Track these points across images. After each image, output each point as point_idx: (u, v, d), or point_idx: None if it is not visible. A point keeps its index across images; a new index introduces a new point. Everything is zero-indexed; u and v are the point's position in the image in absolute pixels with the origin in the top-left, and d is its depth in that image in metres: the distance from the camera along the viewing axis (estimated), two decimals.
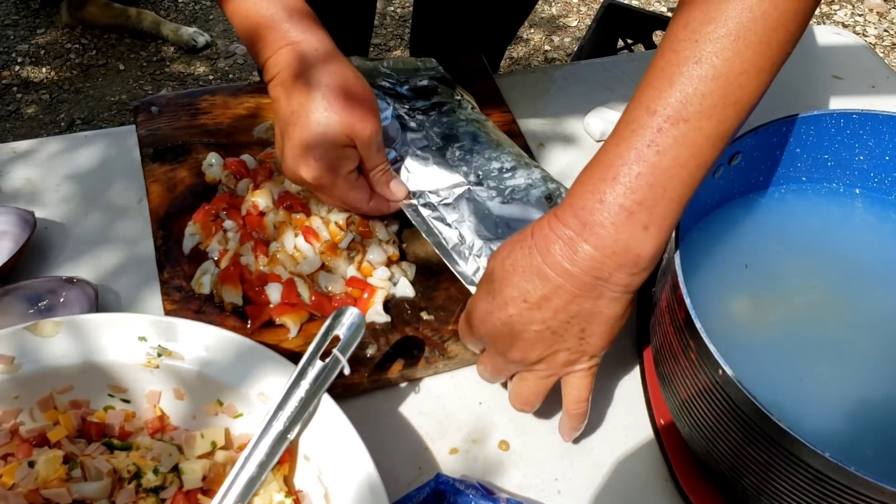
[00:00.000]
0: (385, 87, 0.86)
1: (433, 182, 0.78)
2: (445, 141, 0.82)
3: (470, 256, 0.74)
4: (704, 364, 0.60)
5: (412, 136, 0.81)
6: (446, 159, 0.80)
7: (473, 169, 0.79)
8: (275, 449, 0.61)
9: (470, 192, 0.77)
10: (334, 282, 0.76)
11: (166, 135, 0.87)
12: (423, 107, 0.85)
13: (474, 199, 0.77)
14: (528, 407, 0.68)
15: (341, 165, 0.71)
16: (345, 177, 0.72)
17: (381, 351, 0.74)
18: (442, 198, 0.77)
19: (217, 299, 0.75)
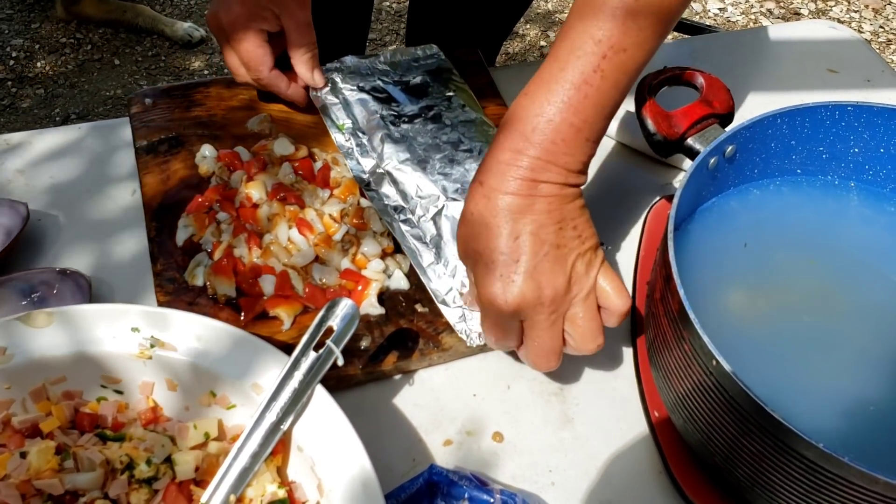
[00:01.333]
0: (378, 88, 0.86)
1: (413, 193, 0.77)
2: (427, 152, 0.81)
3: (444, 276, 0.74)
4: (698, 355, 0.60)
5: (395, 148, 0.80)
6: (426, 172, 0.79)
7: (452, 182, 0.78)
8: (268, 440, 0.60)
9: (447, 209, 0.76)
10: (328, 274, 0.75)
11: (160, 126, 0.86)
12: (410, 113, 0.85)
13: (451, 218, 0.76)
14: (554, 357, 0.66)
15: (255, 19, 0.78)
16: (254, 31, 0.79)
17: (376, 343, 0.74)
18: (419, 215, 0.76)
19: (210, 291, 0.75)
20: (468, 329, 0.72)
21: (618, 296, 0.65)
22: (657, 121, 0.71)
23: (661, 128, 0.71)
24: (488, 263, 0.62)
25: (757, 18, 2.59)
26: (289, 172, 0.81)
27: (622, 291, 0.65)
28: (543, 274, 0.62)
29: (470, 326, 0.72)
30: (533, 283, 0.62)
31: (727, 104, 0.74)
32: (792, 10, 2.61)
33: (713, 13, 2.62)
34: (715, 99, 0.74)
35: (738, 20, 2.59)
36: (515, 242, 0.61)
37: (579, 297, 0.64)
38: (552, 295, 0.62)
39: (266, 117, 0.87)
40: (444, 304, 0.72)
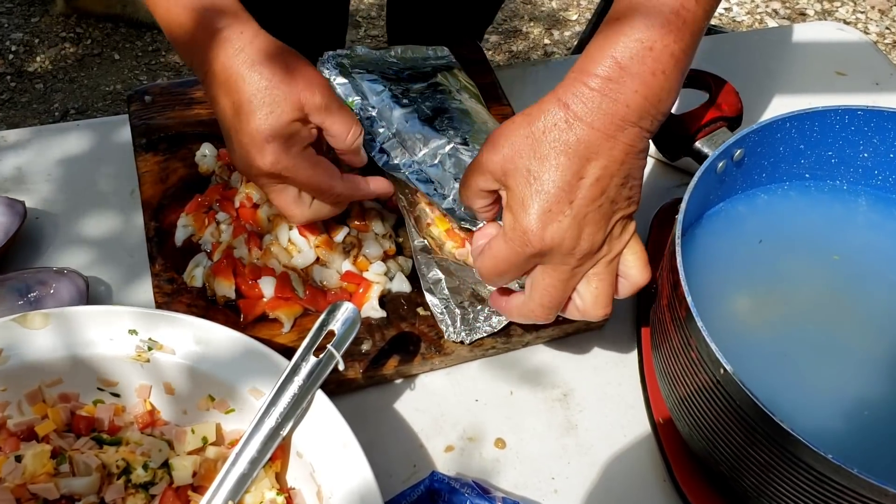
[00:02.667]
0: (388, 74, 0.85)
1: (419, 148, 0.77)
2: (435, 113, 0.80)
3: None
4: (705, 362, 0.59)
5: (402, 112, 0.80)
6: (433, 126, 0.78)
7: (461, 133, 0.78)
8: (267, 446, 0.59)
9: (455, 150, 0.76)
10: (329, 276, 0.74)
11: (160, 125, 0.85)
12: (419, 88, 0.84)
13: (458, 157, 0.75)
14: (554, 312, 0.62)
15: (294, 142, 0.65)
16: (301, 154, 0.65)
17: (377, 346, 0.73)
18: (428, 162, 0.76)
19: (209, 292, 0.74)
20: (449, 322, 0.72)
21: (642, 268, 0.62)
22: (665, 123, 0.70)
23: (669, 131, 0.70)
24: (539, 191, 0.57)
25: (762, 18, 2.58)
26: None
27: (647, 265, 0.62)
28: (589, 225, 0.58)
29: (452, 319, 0.72)
30: (576, 231, 0.57)
31: (736, 107, 0.73)
32: (798, 11, 2.60)
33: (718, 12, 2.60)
34: (724, 102, 0.73)
35: (743, 20, 2.57)
36: (578, 182, 0.56)
37: (606, 258, 0.60)
38: (587, 249, 0.59)
39: None
40: (430, 292, 0.72)
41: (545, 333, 0.75)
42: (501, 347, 0.75)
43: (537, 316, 0.63)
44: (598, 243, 0.59)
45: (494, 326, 0.72)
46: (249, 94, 0.63)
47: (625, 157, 0.57)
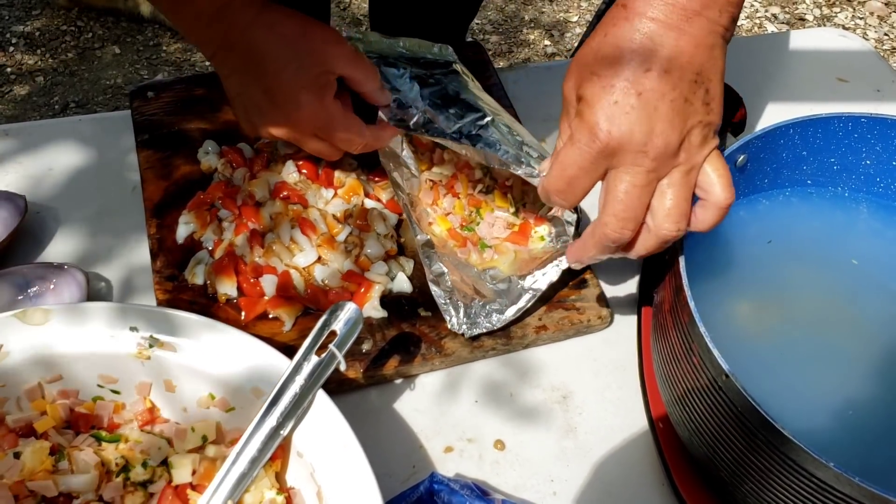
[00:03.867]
0: (404, 57, 0.85)
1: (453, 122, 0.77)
2: (459, 92, 0.81)
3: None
4: (707, 367, 0.59)
5: (431, 90, 0.80)
6: (464, 99, 0.79)
7: (492, 111, 0.79)
8: (267, 445, 0.59)
9: (495, 121, 0.76)
10: (330, 275, 0.74)
11: (162, 121, 0.85)
12: (440, 72, 0.84)
13: (499, 125, 0.76)
14: (632, 224, 0.58)
15: (325, 93, 0.69)
16: (333, 103, 0.69)
17: (377, 346, 0.73)
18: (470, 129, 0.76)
19: (211, 290, 0.73)
20: (452, 312, 0.72)
21: (725, 186, 0.58)
22: None
23: None
24: (604, 87, 0.55)
25: (762, 23, 2.58)
26: (292, 171, 0.79)
27: (729, 184, 0.58)
28: (660, 121, 0.54)
29: (455, 310, 0.72)
30: (646, 125, 0.54)
31: (739, 113, 0.73)
32: (797, 16, 2.61)
33: None
34: (727, 108, 0.73)
35: (742, 24, 2.58)
36: (645, 74, 0.54)
37: (683, 167, 0.57)
38: (662, 148, 0.55)
39: None
40: (434, 283, 0.72)
41: (546, 335, 0.75)
42: (502, 349, 0.75)
43: (611, 231, 0.58)
44: (674, 145, 0.55)
45: (494, 324, 0.72)
46: (275, 54, 0.65)
47: (694, 51, 0.54)
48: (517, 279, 0.74)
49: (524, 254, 0.79)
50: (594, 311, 0.77)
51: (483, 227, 0.80)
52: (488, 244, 0.79)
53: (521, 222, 0.81)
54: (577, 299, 0.77)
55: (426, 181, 0.82)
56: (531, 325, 0.75)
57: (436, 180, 0.82)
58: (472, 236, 0.79)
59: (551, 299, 0.77)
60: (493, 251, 0.78)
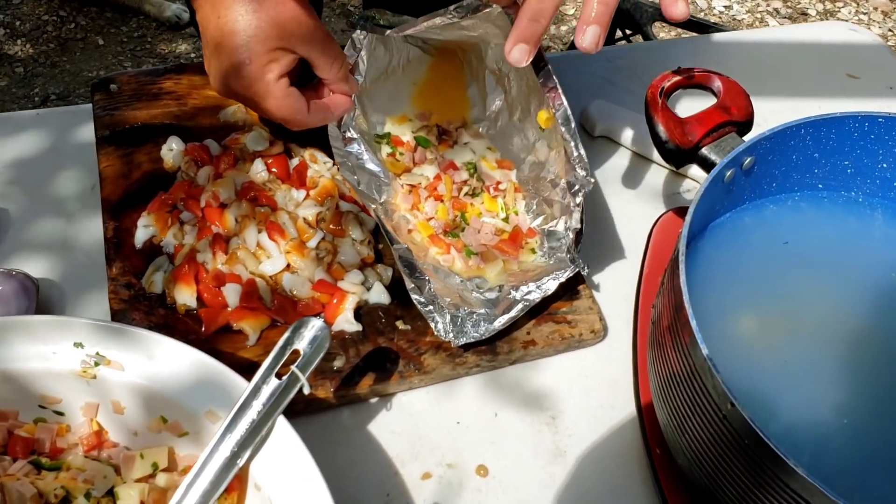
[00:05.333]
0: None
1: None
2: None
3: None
4: (710, 394, 0.53)
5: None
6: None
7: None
8: (221, 476, 0.53)
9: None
10: (300, 285, 0.68)
11: (125, 116, 0.79)
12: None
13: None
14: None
15: (271, 69, 0.66)
16: (275, 82, 0.67)
17: (350, 363, 0.67)
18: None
19: (169, 300, 0.68)
20: (437, 318, 0.66)
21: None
22: (669, 128, 0.64)
23: (673, 135, 0.64)
24: None
25: (763, 17, 2.52)
26: (261, 170, 0.74)
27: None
28: None
29: (440, 316, 0.66)
30: None
31: (746, 111, 0.68)
32: (799, 10, 2.55)
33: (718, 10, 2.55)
34: (733, 105, 0.67)
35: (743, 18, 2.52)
36: None
37: None
38: None
39: (240, 108, 0.80)
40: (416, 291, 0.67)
41: (534, 351, 0.70)
42: (486, 365, 0.69)
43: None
44: None
45: (483, 333, 0.66)
46: (234, 18, 0.65)
47: None
48: (509, 287, 0.68)
49: (513, 265, 0.73)
50: (587, 324, 0.71)
51: (469, 232, 0.74)
52: (474, 251, 0.73)
53: (512, 230, 0.75)
54: (569, 311, 0.72)
55: (403, 186, 0.76)
56: (519, 340, 0.70)
57: (414, 184, 0.76)
58: (457, 243, 0.73)
59: (541, 312, 0.71)
60: (480, 259, 0.72)
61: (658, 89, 0.66)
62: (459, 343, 0.66)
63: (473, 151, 0.79)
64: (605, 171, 0.86)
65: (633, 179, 0.85)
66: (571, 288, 0.73)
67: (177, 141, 0.76)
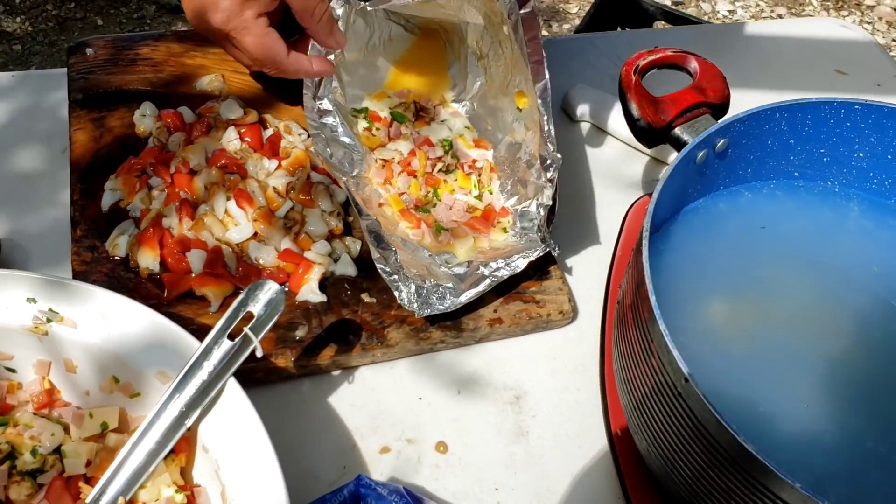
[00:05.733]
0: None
1: None
2: None
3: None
4: (667, 372, 0.52)
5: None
6: None
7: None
8: (168, 436, 0.53)
9: None
10: (266, 253, 0.68)
11: (100, 80, 0.78)
12: None
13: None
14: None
15: (250, 6, 0.64)
16: (253, 20, 0.65)
17: (313, 333, 0.66)
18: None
19: (133, 263, 0.67)
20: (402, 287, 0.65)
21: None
22: (642, 105, 0.64)
23: (646, 114, 0.64)
24: None
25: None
26: (234, 138, 0.73)
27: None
28: None
29: (405, 286, 0.65)
30: None
31: (722, 93, 0.67)
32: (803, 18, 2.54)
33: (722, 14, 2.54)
34: (709, 86, 0.67)
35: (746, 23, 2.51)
36: None
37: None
38: None
39: (218, 77, 0.79)
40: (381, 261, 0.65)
41: (501, 329, 0.69)
42: (451, 342, 0.68)
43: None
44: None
45: (447, 307, 0.66)
46: None
47: None
48: (478, 263, 0.67)
49: (483, 243, 0.72)
50: (555, 305, 0.70)
51: (440, 208, 0.73)
52: (445, 227, 0.72)
53: (485, 208, 0.74)
54: (538, 291, 0.71)
55: (376, 161, 0.75)
56: (485, 318, 0.69)
57: (388, 159, 0.75)
58: (428, 218, 0.72)
59: (510, 290, 0.70)
60: (450, 235, 0.71)
61: (633, 67, 0.65)
62: (423, 314, 0.65)
63: (450, 129, 0.79)
64: (584, 155, 0.85)
65: (612, 165, 0.84)
66: (542, 268, 0.72)
67: (150, 107, 0.76)
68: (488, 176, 0.76)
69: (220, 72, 0.80)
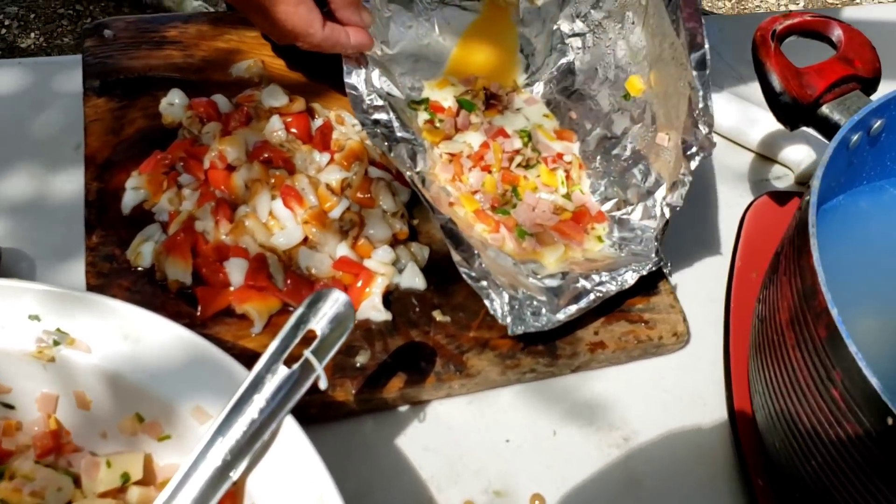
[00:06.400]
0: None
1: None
2: None
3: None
4: (856, 406, 0.40)
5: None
6: None
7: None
8: (209, 492, 0.41)
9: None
10: (319, 262, 0.56)
11: (120, 65, 0.67)
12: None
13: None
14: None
15: None
16: None
17: (377, 360, 0.54)
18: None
19: (159, 275, 0.55)
20: (493, 296, 0.54)
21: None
22: (785, 77, 0.52)
23: (790, 86, 0.52)
24: None
25: None
26: (279, 128, 0.62)
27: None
28: None
29: (496, 294, 0.54)
30: None
31: (873, 65, 0.55)
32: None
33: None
34: (857, 57, 0.55)
35: None
36: None
37: None
38: None
39: (257, 62, 0.68)
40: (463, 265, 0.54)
41: (603, 356, 0.57)
42: (544, 371, 0.56)
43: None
44: None
45: (544, 325, 0.54)
46: None
47: None
48: (576, 275, 0.56)
49: (576, 253, 0.61)
50: (667, 325, 0.58)
51: (522, 209, 0.61)
52: (528, 231, 0.60)
53: (576, 210, 0.62)
54: (646, 309, 0.59)
55: (442, 155, 0.64)
56: (584, 341, 0.57)
57: (456, 153, 0.64)
58: (508, 220, 0.60)
59: (612, 309, 0.58)
60: (535, 241, 0.60)
61: (769, 31, 0.53)
62: (518, 332, 0.53)
63: (527, 119, 0.67)
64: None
65: (711, 163, 0.72)
66: (648, 283, 0.60)
67: (179, 95, 0.65)
68: (578, 172, 0.64)
69: (260, 56, 0.69)
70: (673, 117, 0.59)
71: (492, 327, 0.56)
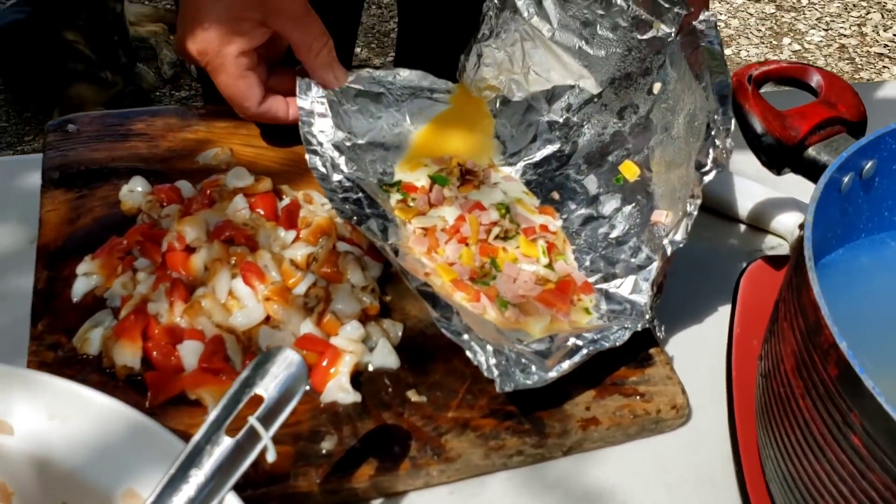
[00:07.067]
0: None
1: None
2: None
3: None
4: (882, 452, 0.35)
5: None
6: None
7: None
8: None
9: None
10: (280, 341, 0.52)
11: (82, 157, 0.66)
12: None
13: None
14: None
15: (232, 41, 0.59)
16: (234, 60, 0.60)
17: (345, 446, 0.49)
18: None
19: (107, 362, 0.51)
20: (477, 348, 0.49)
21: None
22: (766, 118, 0.49)
23: (772, 128, 0.49)
24: None
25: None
26: (242, 207, 0.59)
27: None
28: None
29: (480, 346, 0.49)
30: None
31: (857, 109, 0.53)
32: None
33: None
34: (839, 101, 0.53)
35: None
36: None
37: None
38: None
39: (224, 150, 0.66)
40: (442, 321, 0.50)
41: (597, 433, 0.51)
42: (532, 453, 0.51)
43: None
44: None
45: (535, 382, 0.49)
46: None
47: None
48: (566, 335, 0.51)
49: (563, 324, 0.56)
50: (665, 398, 0.53)
51: (502, 280, 0.57)
52: (511, 302, 0.56)
53: (561, 279, 0.58)
54: (641, 381, 0.54)
55: (415, 230, 0.61)
56: (575, 417, 0.51)
57: (429, 226, 0.60)
58: (489, 290, 0.56)
59: (602, 381, 0.53)
60: (518, 311, 0.55)
61: (745, 76, 0.51)
62: (506, 389, 0.48)
63: (505, 193, 0.64)
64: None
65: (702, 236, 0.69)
66: (641, 352, 0.55)
67: (142, 182, 0.62)
68: (562, 245, 0.61)
69: (229, 145, 0.67)
70: (677, 188, 0.56)
71: (472, 406, 0.51)
